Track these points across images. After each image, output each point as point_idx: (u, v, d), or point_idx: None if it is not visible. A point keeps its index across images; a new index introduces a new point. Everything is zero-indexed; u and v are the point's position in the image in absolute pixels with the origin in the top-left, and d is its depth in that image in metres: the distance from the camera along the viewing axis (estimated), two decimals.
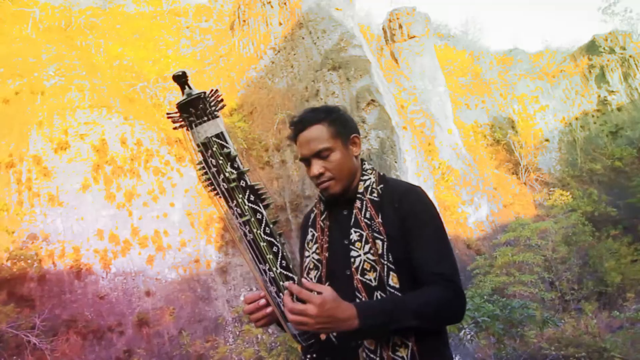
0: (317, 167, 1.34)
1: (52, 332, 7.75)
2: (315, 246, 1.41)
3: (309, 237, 1.45)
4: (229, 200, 1.18)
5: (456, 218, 13.80)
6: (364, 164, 1.45)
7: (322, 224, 1.42)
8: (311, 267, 1.38)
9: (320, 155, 1.34)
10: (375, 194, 1.36)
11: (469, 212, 14.35)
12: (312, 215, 1.48)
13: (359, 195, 1.37)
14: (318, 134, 1.35)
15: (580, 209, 14.88)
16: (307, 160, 1.37)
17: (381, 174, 1.45)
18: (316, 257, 1.39)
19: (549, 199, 15.84)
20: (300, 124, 1.38)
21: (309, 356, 1.22)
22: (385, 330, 1.16)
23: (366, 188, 1.38)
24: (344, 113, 1.44)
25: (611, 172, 18.41)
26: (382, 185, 1.39)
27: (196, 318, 9.19)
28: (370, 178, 1.40)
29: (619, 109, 19.99)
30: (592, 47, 21.28)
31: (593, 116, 20.31)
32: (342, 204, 1.40)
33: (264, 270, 1.18)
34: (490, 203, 15.39)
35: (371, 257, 1.28)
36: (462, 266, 11.69)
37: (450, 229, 13.22)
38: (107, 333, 8.33)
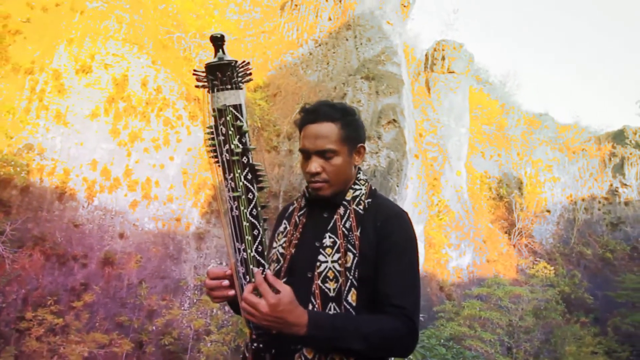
0: (315, 164, 1.30)
1: (18, 243, 7.76)
2: (284, 239, 1.37)
3: (281, 228, 1.41)
4: (227, 172, 1.17)
5: (438, 257, 13.80)
6: (360, 173, 1.40)
7: (297, 219, 1.38)
8: (274, 259, 1.35)
9: (323, 154, 1.30)
10: (361, 206, 1.32)
11: (452, 255, 14.35)
12: (291, 208, 1.44)
13: (344, 203, 1.33)
14: (328, 133, 1.29)
15: (559, 287, 14.90)
16: (307, 153, 1.33)
17: (373, 188, 1.40)
18: (281, 250, 1.35)
19: (532, 268, 15.84)
20: (313, 115, 1.32)
21: (255, 345, 1.21)
22: (329, 345, 1.15)
23: (354, 197, 1.33)
24: (358, 118, 1.39)
25: (600, 261, 18.43)
26: (370, 200, 1.34)
27: (160, 274, 9.19)
28: (361, 189, 1.36)
29: (626, 204, 20.03)
30: (619, 136, 21.32)
31: (599, 202, 20.34)
32: (324, 205, 1.35)
33: (239, 249, 1.18)
34: (475, 254, 15.39)
35: (337, 267, 1.24)
36: (429, 305, 11.68)
37: (428, 267, 13.22)
38: (70, 261, 8.33)
